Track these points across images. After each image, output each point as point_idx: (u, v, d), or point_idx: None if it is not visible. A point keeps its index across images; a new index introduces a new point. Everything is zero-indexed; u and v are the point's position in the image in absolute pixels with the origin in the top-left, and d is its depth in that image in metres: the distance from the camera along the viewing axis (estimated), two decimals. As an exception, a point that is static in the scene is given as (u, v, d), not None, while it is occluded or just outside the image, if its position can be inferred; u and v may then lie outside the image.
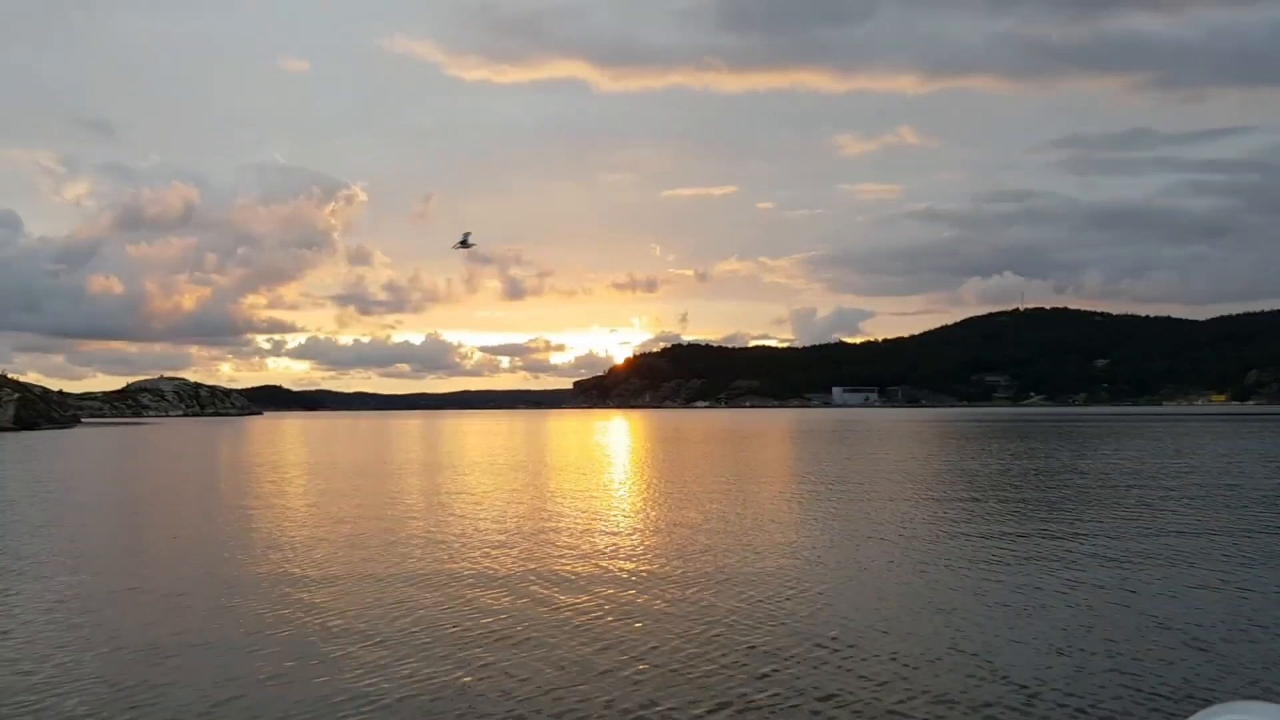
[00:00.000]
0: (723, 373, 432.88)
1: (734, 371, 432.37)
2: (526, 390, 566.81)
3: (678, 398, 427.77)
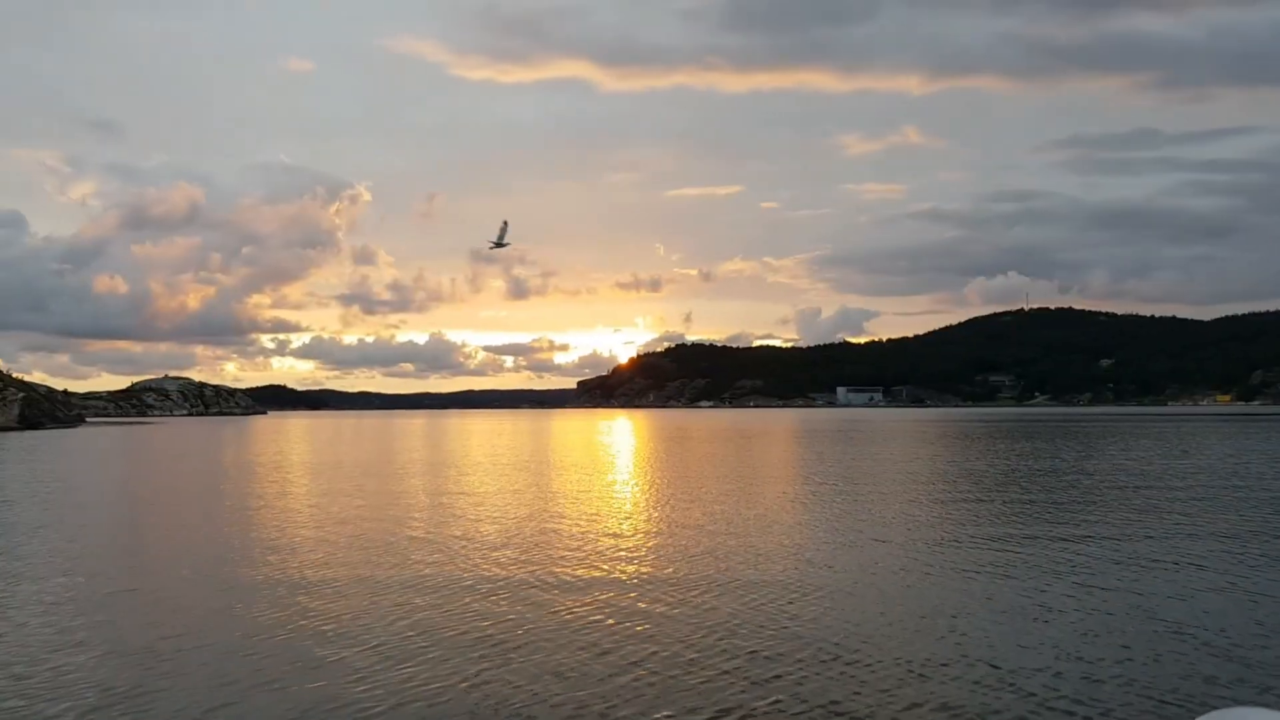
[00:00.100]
0: (727, 372, 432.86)
1: (738, 371, 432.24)
2: (530, 390, 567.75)
3: (682, 397, 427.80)
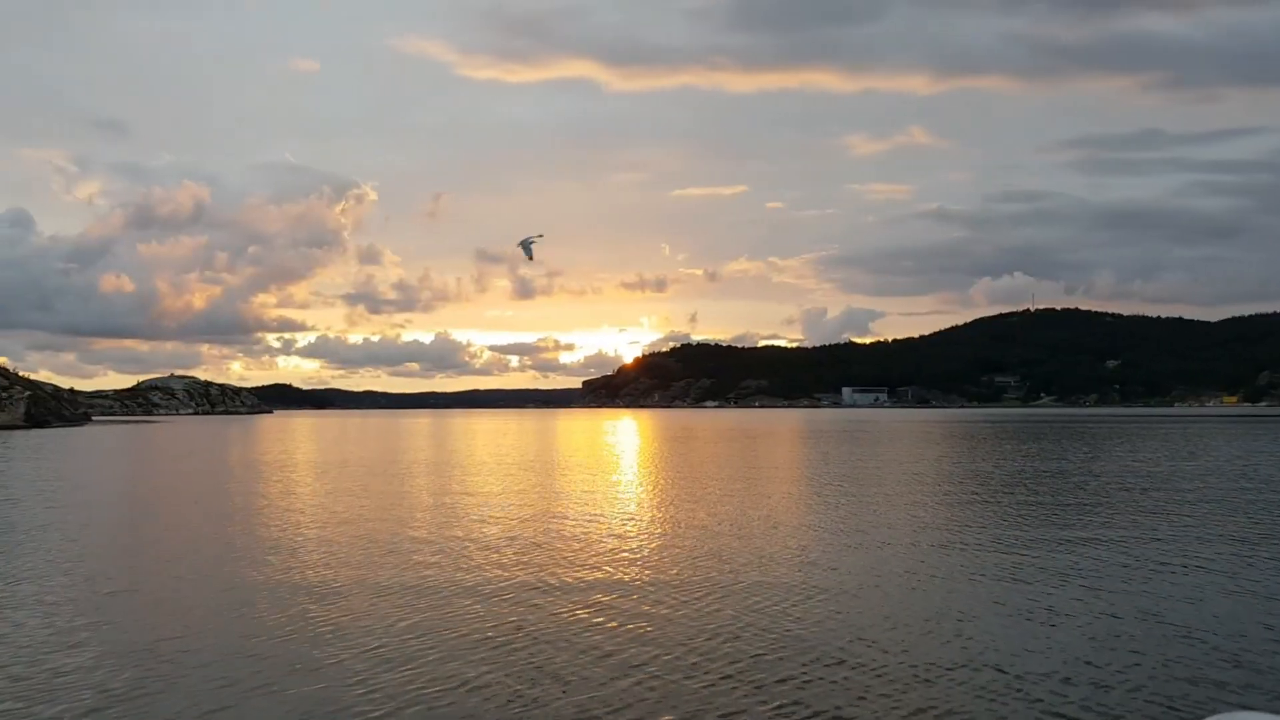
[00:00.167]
0: (732, 372, 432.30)
1: (743, 371, 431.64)
2: (536, 389, 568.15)
3: (687, 397, 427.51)
